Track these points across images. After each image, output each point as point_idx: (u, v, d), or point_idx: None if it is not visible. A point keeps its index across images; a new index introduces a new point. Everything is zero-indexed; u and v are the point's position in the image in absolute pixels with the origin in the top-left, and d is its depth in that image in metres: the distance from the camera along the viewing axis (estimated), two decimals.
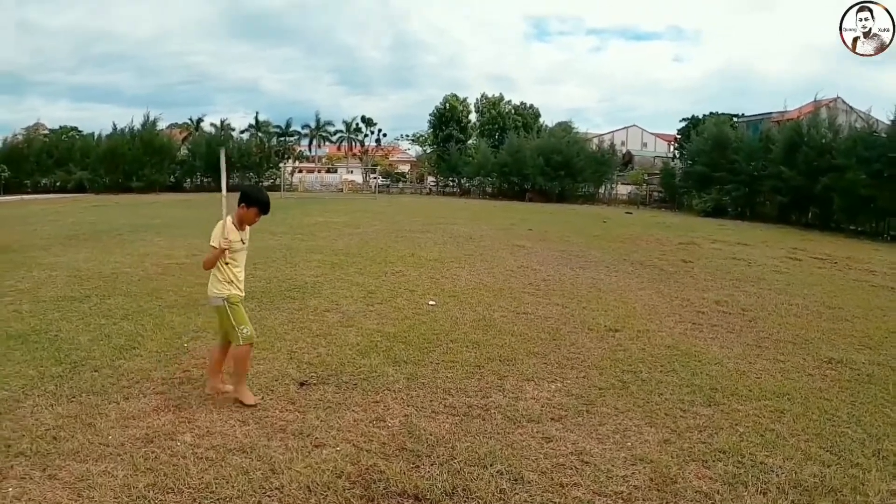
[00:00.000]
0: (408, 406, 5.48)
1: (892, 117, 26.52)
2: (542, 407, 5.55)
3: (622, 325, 8.42)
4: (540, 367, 6.61)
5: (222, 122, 60.97)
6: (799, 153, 29.84)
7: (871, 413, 5.65)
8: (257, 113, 70.41)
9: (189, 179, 53.44)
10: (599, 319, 8.70)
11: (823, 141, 29.73)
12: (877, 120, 28.85)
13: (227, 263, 5.41)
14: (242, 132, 61.86)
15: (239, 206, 5.41)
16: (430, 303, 9.35)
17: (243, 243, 5.52)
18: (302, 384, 5.88)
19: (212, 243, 5.32)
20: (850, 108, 37.07)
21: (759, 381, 6.41)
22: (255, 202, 5.41)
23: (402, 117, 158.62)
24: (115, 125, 50.77)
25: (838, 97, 39.50)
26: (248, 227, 5.57)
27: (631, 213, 35.06)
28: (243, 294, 5.61)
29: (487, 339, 7.55)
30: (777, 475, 4.38)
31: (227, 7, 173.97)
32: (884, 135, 26.90)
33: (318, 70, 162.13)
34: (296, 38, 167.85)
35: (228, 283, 5.43)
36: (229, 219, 5.38)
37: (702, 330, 8.43)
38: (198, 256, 13.12)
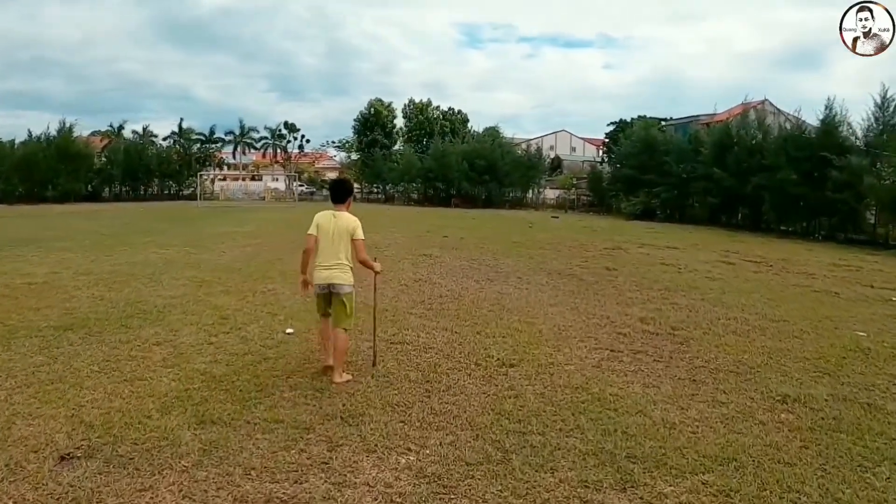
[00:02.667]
0: (183, 497, 3.71)
1: (821, 118, 26.62)
2: (374, 500, 3.69)
3: (520, 358, 6.60)
4: (394, 428, 4.72)
5: (144, 129, 58.68)
6: (730, 154, 29.98)
7: (850, 483, 3.99)
8: (181, 119, 68.30)
9: (107, 188, 51.54)
10: (493, 350, 6.86)
11: (753, 141, 29.98)
12: (805, 121, 29.02)
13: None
14: (165, 139, 59.40)
15: (347, 200, 6.05)
16: (288, 331, 7.48)
17: None
18: (63, 458, 4.23)
19: (363, 237, 5.84)
20: (778, 110, 37.78)
21: (696, 437, 4.65)
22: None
23: (337, 124, 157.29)
24: (30, 132, 48.80)
25: (766, 99, 40.26)
26: None
27: (557, 217, 34.56)
28: None
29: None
30: None
31: (160, 13, 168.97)
32: (813, 135, 26.99)
33: (252, 77, 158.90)
34: (230, 46, 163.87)
35: (352, 271, 5.89)
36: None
37: (621, 360, 6.67)
38: (61, 274, 11.58)
